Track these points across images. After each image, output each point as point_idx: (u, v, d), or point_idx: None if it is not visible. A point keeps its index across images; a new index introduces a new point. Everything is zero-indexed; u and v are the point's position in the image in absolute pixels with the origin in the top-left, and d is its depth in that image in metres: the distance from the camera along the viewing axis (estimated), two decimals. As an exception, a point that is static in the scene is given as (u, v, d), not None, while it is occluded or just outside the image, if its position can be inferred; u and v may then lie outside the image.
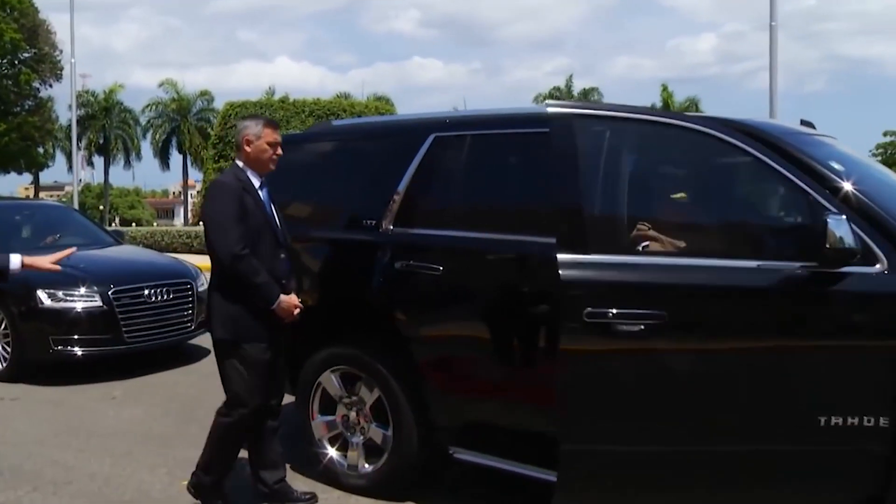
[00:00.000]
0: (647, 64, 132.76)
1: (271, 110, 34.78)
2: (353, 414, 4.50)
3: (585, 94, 48.81)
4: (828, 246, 2.99)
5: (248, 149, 4.03)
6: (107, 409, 6.31)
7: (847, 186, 3.24)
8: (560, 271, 3.28)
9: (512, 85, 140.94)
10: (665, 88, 45.65)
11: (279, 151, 4.08)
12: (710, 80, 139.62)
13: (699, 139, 3.47)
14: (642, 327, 3.22)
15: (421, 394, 4.21)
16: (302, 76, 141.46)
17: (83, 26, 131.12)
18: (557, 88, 51.14)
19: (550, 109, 3.53)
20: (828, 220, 3.00)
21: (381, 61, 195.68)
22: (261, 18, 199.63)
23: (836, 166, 3.37)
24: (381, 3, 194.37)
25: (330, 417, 4.57)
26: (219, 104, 39.77)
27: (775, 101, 17.36)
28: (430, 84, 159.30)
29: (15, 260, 3.69)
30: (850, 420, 3.07)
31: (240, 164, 4.07)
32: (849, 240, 2.99)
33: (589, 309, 3.24)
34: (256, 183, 4.03)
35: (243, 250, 3.85)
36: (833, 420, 3.08)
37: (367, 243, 4.44)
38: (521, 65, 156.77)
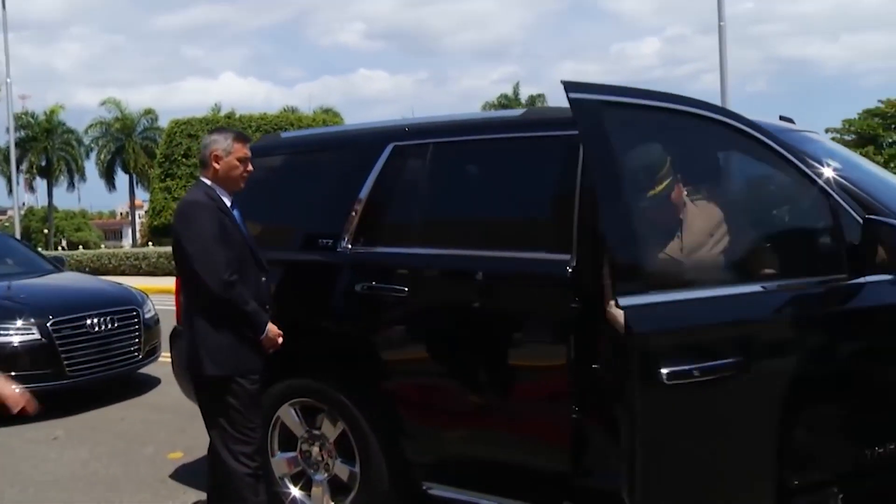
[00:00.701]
0: (593, 69, 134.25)
1: (218, 126, 34.34)
2: (315, 449, 4.15)
3: (533, 100, 48.90)
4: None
5: (216, 165, 3.68)
6: (48, 451, 5.85)
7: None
8: (629, 323, 2.63)
9: (459, 93, 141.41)
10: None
11: (249, 167, 3.75)
12: (655, 82, 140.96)
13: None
14: (724, 377, 2.72)
15: (390, 426, 3.88)
16: (248, 92, 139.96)
17: (21, 45, 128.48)
18: (505, 96, 51.19)
19: (573, 95, 2.82)
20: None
21: (327, 74, 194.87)
22: (205, 35, 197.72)
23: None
24: (326, 17, 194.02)
25: (291, 454, 4.23)
26: (164, 122, 39.07)
27: (727, 100, 17.42)
28: (377, 95, 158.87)
29: None
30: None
31: (207, 181, 3.70)
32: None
33: (669, 369, 2.63)
34: (228, 202, 3.69)
35: (232, 276, 3.51)
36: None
37: (324, 264, 4.11)
38: (467, 73, 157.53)
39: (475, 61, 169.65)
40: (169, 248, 25.79)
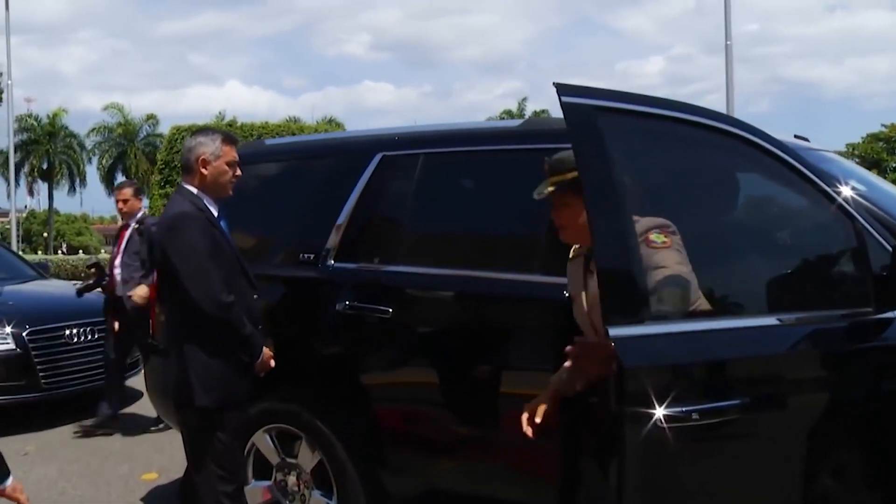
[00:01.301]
0: (597, 85, 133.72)
1: (219, 134, 34.17)
2: (291, 479, 3.87)
3: (537, 116, 48.80)
4: None
5: (203, 171, 3.30)
6: (15, 468, 5.45)
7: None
8: (620, 357, 2.28)
9: (463, 107, 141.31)
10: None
11: (238, 172, 3.39)
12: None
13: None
14: (727, 420, 2.40)
15: (369, 456, 3.61)
16: (253, 100, 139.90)
17: (27, 48, 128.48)
18: (509, 112, 51.07)
19: (566, 99, 2.48)
20: None
21: (332, 85, 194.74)
22: (211, 41, 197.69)
23: None
24: (332, 27, 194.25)
25: (266, 483, 3.94)
26: (167, 128, 38.91)
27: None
28: (381, 107, 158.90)
29: None
30: None
31: (191, 189, 3.33)
32: None
33: (665, 412, 2.30)
34: (215, 212, 3.35)
35: (229, 297, 3.19)
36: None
37: (304, 281, 3.84)
38: (472, 87, 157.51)
39: (480, 75, 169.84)
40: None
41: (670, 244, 2.51)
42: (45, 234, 58.83)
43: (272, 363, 3.42)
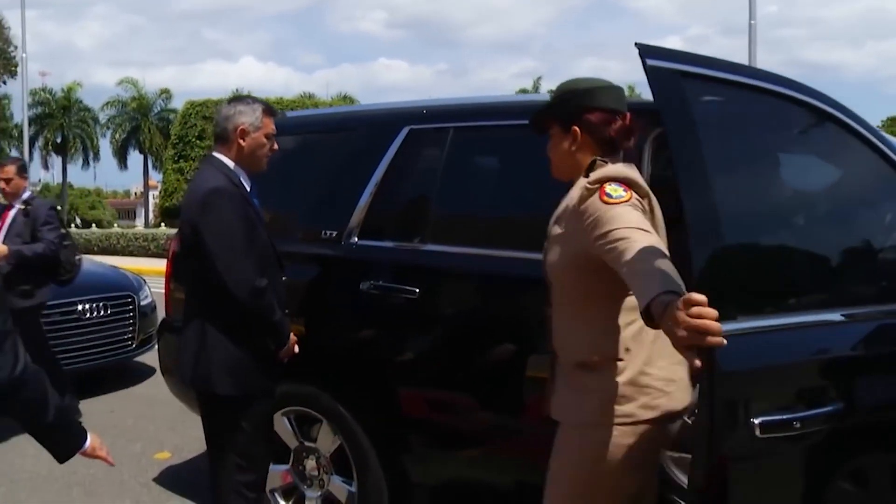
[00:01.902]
0: (614, 66, 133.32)
1: (233, 109, 34.00)
2: (309, 463, 3.74)
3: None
4: None
5: (242, 142, 3.09)
6: (27, 445, 5.39)
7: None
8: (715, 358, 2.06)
9: (477, 86, 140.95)
10: (632, 90, 45.28)
11: (275, 146, 3.21)
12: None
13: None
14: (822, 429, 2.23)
15: (392, 442, 3.47)
16: (267, 76, 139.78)
17: (44, 22, 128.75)
18: (524, 90, 50.70)
19: (651, 62, 2.26)
20: None
21: (346, 62, 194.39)
22: (227, 18, 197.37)
23: None
24: (347, 4, 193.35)
25: (283, 467, 3.81)
26: (181, 104, 38.75)
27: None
28: (395, 85, 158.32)
29: None
30: None
31: (226, 161, 3.11)
32: None
33: (761, 419, 2.14)
34: (248, 187, 3.14)
35: (263, 281, 3.00)
36: None
37: (326, 259, 3.69)
38: (486, 66, 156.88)
39: (495, 54, 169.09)
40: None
41: (629, 198, 2.15)
42: (59, 208, 58.84)
43: (296, 349, 3.27)
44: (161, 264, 19.53)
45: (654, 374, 2.27)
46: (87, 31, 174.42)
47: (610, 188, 2.16)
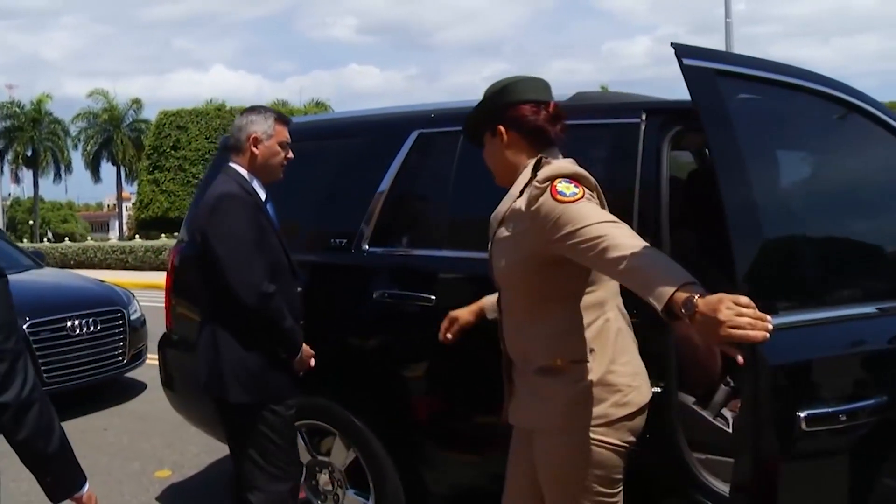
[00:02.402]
0: (584, 67, 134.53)
1: (208, 118, 33.80)
2: (323, 477, 3.66)
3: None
4: None
5: (255, 150, 3.10)
6: (21, 467, 5.29)
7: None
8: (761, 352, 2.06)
9: (450, 89, 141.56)
10: (606, 90, 45.59)
11: (290, 154, 3.20)
12: (646, 82, 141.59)
13: None
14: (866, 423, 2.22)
15: (408, 453, 3.39)
16: (239, 84, 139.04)
17: (10, 33, 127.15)
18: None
19: (688, 62, 2.25)
20: None
21: (318, 69, 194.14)
22: (197, 26, 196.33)
23: None
24: (318, 10, 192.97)
25: (295, 482, 3.72)
26: (153, 114, 38.44)
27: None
28: (368, 90, 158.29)
29: None
30: None
31: (240, 169, 3.12)
32: None
33: (806, 413, 2.13)
34: (263, 196, 3.14)
35: (270, 287, 2.97)
36: None
37: (337, 267, 3.61)
38: (459, 69, 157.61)
39: (467, 57, 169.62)
40: (156, 242, 25.26)
41: (582, 195, 2.11)
42: (31, 222, 58.12)
43: (312, 362, 3.20)
44: (141, 277, 19.19)
45: (621, 370, 2.28)
46: (55, 41, 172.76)
47: (561, 186, 2.13)
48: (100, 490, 4.69)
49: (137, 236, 32.55)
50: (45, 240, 52.28)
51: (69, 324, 6.58)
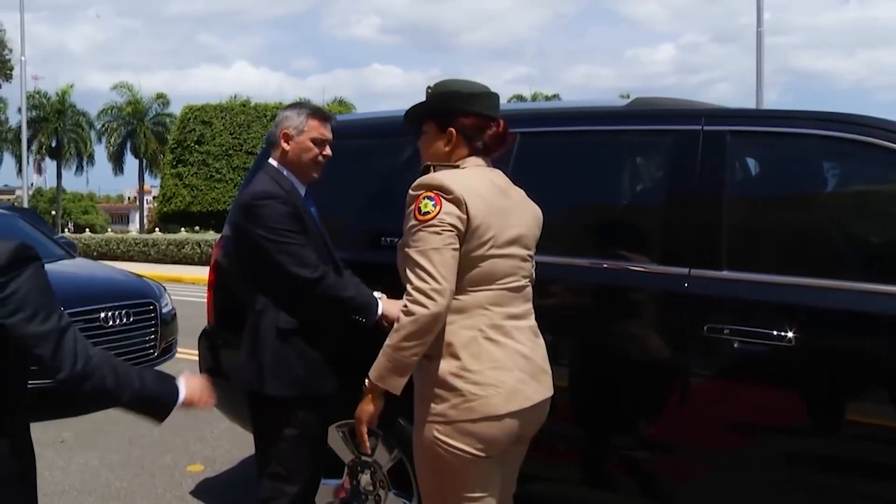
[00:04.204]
0: (606, 73, 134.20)
1: (232, 114, 33.92)
2: (365, 478, 3.63)
3: (547, 100, 48.70)
4: None
5: (286, 146, 3.05)
6: (55, 456, 5.32)
7: None
8: None
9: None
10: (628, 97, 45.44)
11: (327, 151, 3.10)
12: (668, 90, 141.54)
13: None
14: None
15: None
16: (261, 81, 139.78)
17: (36, 25, 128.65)
18: (519, 96, 50.97)
19: None
20: None
21: (340, 67, 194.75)
22: (220, 22, 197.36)
23: None
24: (342, 9, 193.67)
25: (336, 481, 3.69)
26: (175, 108, 38.59)
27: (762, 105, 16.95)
28: (388, 90, 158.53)
29: None
30: None
31: (277, 165, 3.08)
32: None
33: None
34: (302, 192, 3.08)
35: (316, 271, 2.91)
36: None
37: (387, 266, 3.57)
38: (480, 72, 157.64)
39: (488, 60, 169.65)
40: (178, 236, 25.37)
41: (434, 215, 2.33)
42: (53, 213, 58.54)
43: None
44: (161, 270, 19.24)
45: (470, 377, 2.40)
46: (80, 34, 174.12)
47: (423, 203, 2.37)
48: (133, 482, 4.75)
49: (157, 229, 32.68)
50: (66, 230, 52.67)
51: (102, 315, 6.58)
